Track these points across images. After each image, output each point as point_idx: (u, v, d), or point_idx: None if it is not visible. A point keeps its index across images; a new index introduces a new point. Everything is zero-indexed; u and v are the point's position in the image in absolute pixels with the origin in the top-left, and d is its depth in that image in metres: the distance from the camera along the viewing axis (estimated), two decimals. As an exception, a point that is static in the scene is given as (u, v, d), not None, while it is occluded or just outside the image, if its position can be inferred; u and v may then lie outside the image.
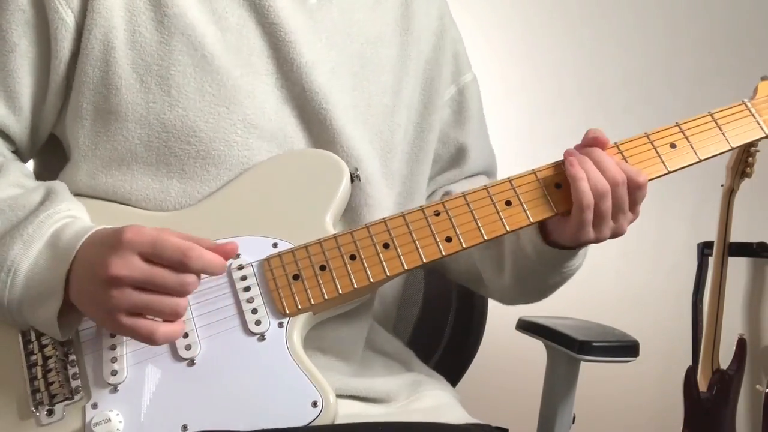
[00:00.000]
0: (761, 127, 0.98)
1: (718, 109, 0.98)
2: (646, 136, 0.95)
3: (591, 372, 1.31)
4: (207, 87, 0.92)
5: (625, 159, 0.93)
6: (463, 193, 0.92)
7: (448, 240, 0.90)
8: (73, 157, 0.95)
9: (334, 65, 1.00)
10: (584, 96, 2.48)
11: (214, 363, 0.85)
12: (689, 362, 2.23)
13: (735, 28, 2.36)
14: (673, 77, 2.41)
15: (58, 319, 0.82)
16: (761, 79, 1.03)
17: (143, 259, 0.80)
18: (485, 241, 0.91)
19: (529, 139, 2.47)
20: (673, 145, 0.95)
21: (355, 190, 0.97)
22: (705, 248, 2.28)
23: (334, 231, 0.91)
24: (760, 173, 2.17)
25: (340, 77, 1.00)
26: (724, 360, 2.17)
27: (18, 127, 0.96)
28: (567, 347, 1.22)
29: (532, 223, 0.92)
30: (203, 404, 0.83)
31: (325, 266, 0.88)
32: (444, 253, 0.90)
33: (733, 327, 2.24)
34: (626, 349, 1.23)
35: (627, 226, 0.93)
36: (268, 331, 0.86)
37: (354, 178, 0.96)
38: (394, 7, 1.08)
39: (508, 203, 0.92)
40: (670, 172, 0.94)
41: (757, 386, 2.22)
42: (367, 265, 0.88)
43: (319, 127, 0.97)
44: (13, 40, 0.92)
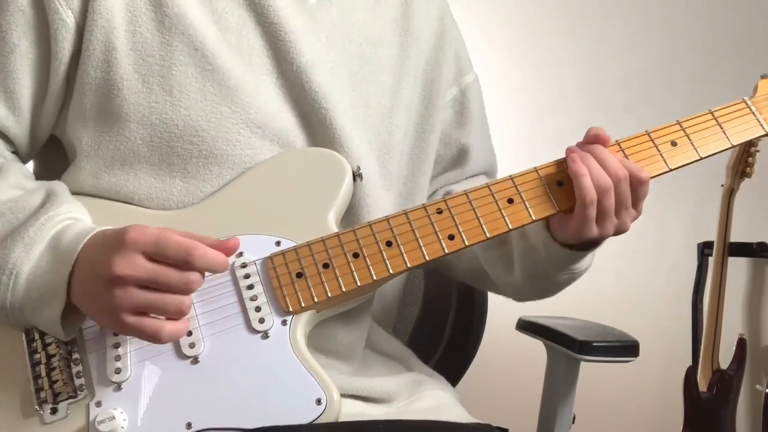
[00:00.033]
0: (761, 125, 0.99)
1: (719, 107, 0.98)
2: (648, 134, 0.95)
3: (591, 372, 1.31)
4: (208, 87, 0.93)
5: (627, 157, 0.94)
6: (466, 191, 0.92)
7: (451, 238, 0.90)
8: (77, 158, 0.95)
9: (334, 65, 1.00)
10: (584, 96, 2.48)
11: (218, 361, 0.85)
12: (689, 362, 2.22)
13: (735, 28, 2.36)
14: (673, 77, 2.41)
15: (61, 320, 0.82)
16: (761, 77, 1.04)
17: (147, 259, 0.80)
18: (488, 238, 0.91)
19: (529, 139, 2.47)
20: (674, 143, 0.95)
21: (354, 190, 0.97)
22: (705, 248, 2.27)
23: (336, 229, 0.91)
24: (760, 173, 2.16)
25: (340, 77, 1.00)
26: (724, 360, 2.17)
27: (18, 128, 0.96)
28: (567, 347, 1.22)
29: (534, 221, 0.92)
30: (207, 402, 0.83)
31: (329, 264, 0.88)
32: (447, 251, 0.90)
33: (733, 327, 2.24)
34: (626, 349, 1.23)
35: (630, 223, 0.93)
36: (272, 329, 0.86)
37: (356, 177, 0.96)
38: (394, 7, 1.08)
39: (511, 201, 0.92)
40: (671, 170, 0.95)
41: (757, 386, 2.22)
42: (370, 263, 0.89)
43: (319, 127, 0.97)
44: (13, 41, 0.92)
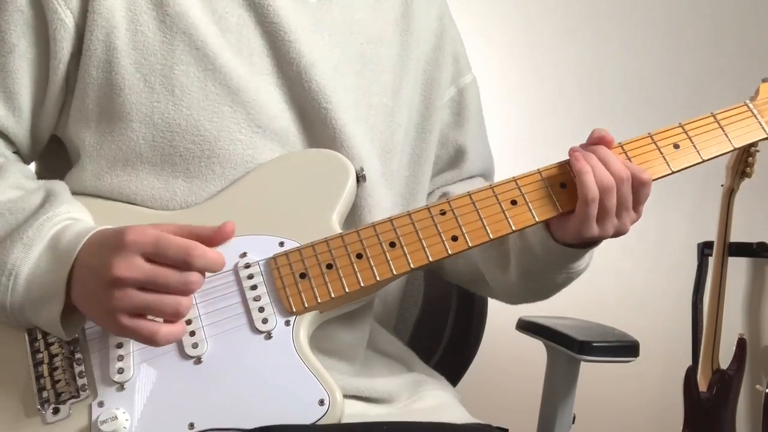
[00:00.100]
0: (763, 128, 0.99)
1: (721, 110, 0.98)
2: (650, 136, 0.95)
3: (591, 372, 1.31)
4: (210, 86, 0.93)
5: (630, 159, 0.94)
6: (469, 193, 0.92)
7: (454, 239, 0.90)
8: (79, 159, 0.95)
9: (337, 63, 1.00)
10: (584, 96, 2.48)
11: (221, 361, 0.85)
12: (689, 362, 2.22)
13: (736, 28, 2.36)
14: (674, 78, 2.41)
15: (61, 320, 0.82)
16: (762, 81, 1.04)
17: (146, 260, 0.80)
18: (491, 240, 0.91)
19: (529, 139, 2.48)
20: (677, 146, 0.95)
21: (357, 189, 0.97)
22: (705, 248, 2.27)
23: (340, 230, 0.91)
24: (760, 173, 2.16)
25: (343, 75, 1.00)
26: (724, 360, 2.17)
27: (18, 128, 0.96)
28: (567, 347, 1.22)
29: (537, 223, 0.92)
30: (209, 402, 0.83)
31: (332, 265, 0.88)
32: (450, 252, 0.90)
33: (733, 327, 2.24)
34: (626, 349, 1.23)
35: (630, 226, 0.93)
36: (275, 330, 0.86)
37: (360, 178, 0.96)
38: (394, 7, 1.08)
39: (514, 202, 0.92)
40: (674, 172, 0.95)
41: (757, 386, 2.22)
42: (374, 263, 0.89)
43: (320, 127, 0.97)
44: (12, 41, 0.92)
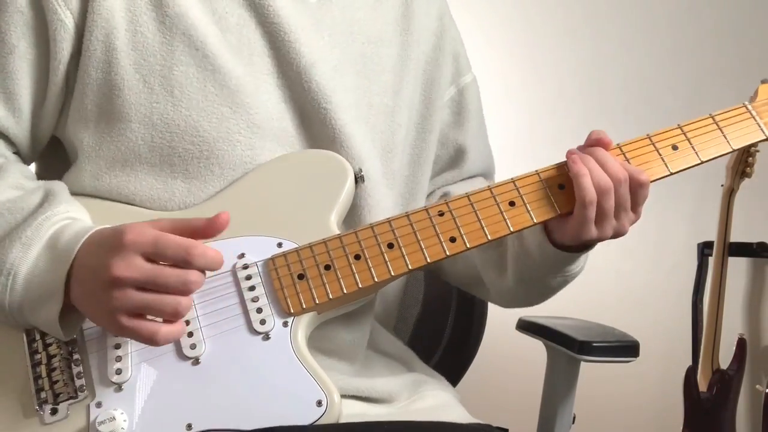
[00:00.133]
0: (762, 130, 0.99)
1: (720, 112, 0.98)
2: (648, 137, 0.95)
3: (591, 372, 1.32)
4: (209, 87, 0.93)
5: (628, 160, 0.94)
6: (467, 194, 0.92)
7: (452, 240, 0.90)
8: (78, 159, 0.95)
9: (337, 63, 1.00)
10: (584, 96, 2.48)
11: (219, 362, 0.85)
12: (689, 362, 2.22)
13: (735, 29, 2.36)
14: (674, 78, 2.41)
15: (60, 320, 0.82)
16: (761, 82, 1.04)
17: (145, 260, 0.80)
18: (489, 241, 0.91)
19: (529, 139, 2.48)
20: (675, 147, 0.95)
21: (356, 190, 0.97)
22: (705, 248, 2.27)
23: (338, 231, 0.91)
24: (760, 173, 2.16)
25: (343, 75, 1.00)
26: (724, 360, 2.17)
27: (18, 129, 0.96)
28: (567, 347, 1.22)
29: (535, 224, 0.92)
30: (207, 403, 0.83)
31: (330, 266, 0.88)
32: (448, 253, 0.90)
33: (733, 327, 2.24)
34: (626, 349, 1.23)
35: (629, 227, 0.93)
36: (273, 331, 0.86)
37: (358, 179, 0.96)
38: (394, 6, 1.08)
39: (512, 204, 0.92)
40: (672, 174, 0.95)
41: (757, 386, 2.22)
42: (372, 264, 0.89)
43: (320, 127, 0.97)
44: (12, 42, 0.92)
